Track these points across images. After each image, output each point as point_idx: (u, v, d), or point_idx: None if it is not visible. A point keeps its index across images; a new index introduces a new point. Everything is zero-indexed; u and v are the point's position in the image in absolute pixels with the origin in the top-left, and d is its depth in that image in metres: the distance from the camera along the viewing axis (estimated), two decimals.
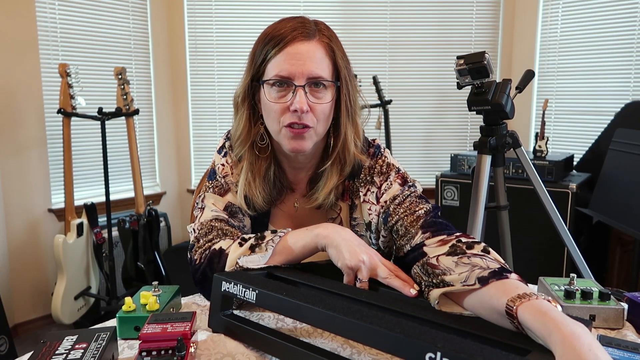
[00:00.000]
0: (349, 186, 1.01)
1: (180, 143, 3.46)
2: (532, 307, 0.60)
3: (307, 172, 1.02)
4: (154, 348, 0.65)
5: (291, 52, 0.88)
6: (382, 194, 0.97)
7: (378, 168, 1.00)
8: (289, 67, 0.88)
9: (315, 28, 0.92)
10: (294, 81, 0.89)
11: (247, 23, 3.29)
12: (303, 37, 0.89)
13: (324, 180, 0.98)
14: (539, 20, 3.19)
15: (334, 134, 0.96)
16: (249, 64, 0.95)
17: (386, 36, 3.32)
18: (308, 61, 0.88)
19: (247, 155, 0.97)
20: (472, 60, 1.46)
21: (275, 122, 0.92)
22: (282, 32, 0.89)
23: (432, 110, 3.39)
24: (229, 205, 0.98)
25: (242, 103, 0.96)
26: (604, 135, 2.64)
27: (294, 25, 0.90)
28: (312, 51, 0.89)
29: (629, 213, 1.94)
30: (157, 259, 2.75)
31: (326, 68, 0.91)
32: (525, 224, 2.36)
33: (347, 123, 0.96)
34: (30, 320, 2.74)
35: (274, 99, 0.90)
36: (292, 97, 0.89)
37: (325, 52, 0.91)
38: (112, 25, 3.02)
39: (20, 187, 2.66)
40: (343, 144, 0.96)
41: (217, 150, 1.05)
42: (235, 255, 0.86)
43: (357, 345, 0.73)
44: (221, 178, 1.00)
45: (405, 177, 0.99)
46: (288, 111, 0.89)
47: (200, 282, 0.89)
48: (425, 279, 0.78)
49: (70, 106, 2.52)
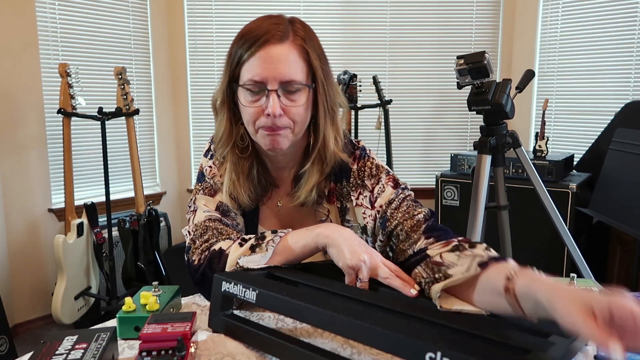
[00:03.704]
0: (335, 189, 1.01)
1: (180, 143, 3.46)
2: (527, 276, 0.65)
3: (289, 170, 1.03)
4: (154, 348, 0.65)
5: (264, 56, 0.88)
6: (375, 197, 0.97)
7: (367, 171, 1.00)
8: (261, 71, 0.87)
9: (289, 29, 0.91)
10: (267, 85, 0.88)
11: (247, 23, 3.29)
12: (276, 40, 0.88)
13: (305, 178, 0.98)
14: (539, 20, 3.19)
15: (314, 134, 0.97)
16: (225, 66, 0.95)
17: (386, 36, 3.32)
18: (280, 65, 0.87)
19: (230, 156, 0.98)
20: (472, 60, 1.46)
21: (251, 124, 0.93)
22: (255, 34, 0.89)
23: (432, 110, 3.39)
24: (220, 204, 0.99)
25: (222, 106, 0.97)
26: (604, 135, 2.64)
27: (267, 27, 0.90)
28: (284, 54, 0.88)
29: (629, 213, 1.94)
30: (157, 259, 2.75)
31: (300, 71, 0.90)
32: (525, 224, 2.36)
33: (325, 122, 0.95)
34: (30, 320, 2.74)
35: (248, 103, 0.91)
36: (265, 101, 0.88)
37: (298, 53, 0.90)
38: (112, 25, 3.02)
39: (20, 187, 2.66)
40: (323, 144, 0.96)
41: (203, 154, 1.06)
42: (236, 255, 0.86)
43: (357, 345, 0.73)
44: (210, 179, 1.01)
45: (396, 179, 0.99)
46: (263, 114, 0.89)
47: (199, 282, 0.89)
48: (427, 277, 0.78)
49: (71, 106, 2.52)
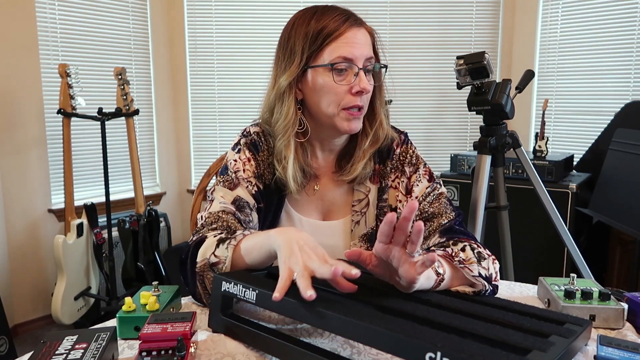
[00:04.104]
0: (379, 170, 1.07)
1: (180, 143, 3.46)
2: None
3: (336, 153, 1.07)
4: (154, 348, 0.65)
5: (350, 37, 0.94)
6: (411, 186, 1.04)
7: (409, 158, 1.06)
8: (352, 49, 0.93)
9: (358, 17, 0.98)
10: (356, 63, 0.94)
11: (247, 23, 3.29)
12: (357, 24, 0.96)
13: (359, 153, 1.03)
14: (539, 20, 3.19)
15: (369, 116, 1.03)
16: (288, 56, 0.97)
17: (386, 36, 3.32)
18: (365, 45, 0.96)
19: (292, 142, 1.00)
20: (472, 61, 1.46)
21: (333, 105, 0.96)
22: (336, 21, 0.94)
23: (432, 110, 3.39)
24: (237, 199, 0.99)
25: (289, 92, 0.98)
26: (603, 135, 2.64)
27: (344, 13, 0.96)
28: (365, 37, 0.97)
29: (629, 213, 1.94)
30: (157, 259, 2.75)
31: (374, 53, 0.99)
32: (525, 224, 2.36)
33: (381, 104, 1.04)
34: (30, 321, 2.73)
35: (336, 82, 0.94)
36: (355, 79, 0.94)
37: (371, 38, 0.99)
38: (112, 26, 3.02)
39: (20, 188, 2.66)
40: (379, 123, 1.04)
41: (231, 147, 1.07)
42: (206, 246, 0.86)
43: (357, 345, 0.73)
44: (232, 173, 1.01)
45: (431, 173, 1.05)
46: (347, 93, 0.95)
47: (182, 262, 0.89)
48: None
49: (70, 106, 2.52)
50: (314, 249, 0.72)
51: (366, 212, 1.06)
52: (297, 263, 0.70)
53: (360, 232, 1.06)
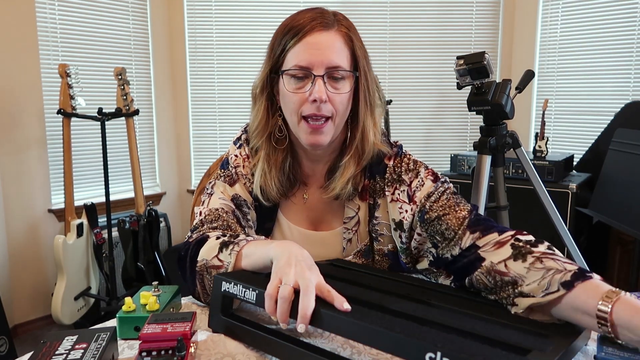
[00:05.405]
0: (369, 185, 0.99)
1: (180, 143, 3.46)
2: (626, 305, 0.62)
3: (324, 164, 1.02)
4: (154, 348, 0.65)
5: (310, 42, 0.89)
6: (414, 191, 0.95)
7: (404, 166, 0.98)
8: (308, 56, 0.88)
9: (333, 18, 0.92)
10: (313, 71, 0.89)
11: (247, 23, 3.29)
12: (322, 27, 0.89)
13: (341, 170, 0.97)
14: (538, 21, 3.19)
15: (351, 125, 0.96)
16: (267, 56, 0.96)
17: (386, 36, 3.32)
18: (327, 51, 0.89)
19: (264, 147, 0.97)
20: (472, 61, 1.46)
21: (293, 113, 0.92)
22: (301, 22, 0.90)
23: (432, 110, 3.39)
24: (236, 197, 0.98)
25: (260, 94, 0.96)
26: (603, 135, 2.64)
27: (312, 16, 0.91)
28: (330, 41, 0.90)
29: (629, 213, 1.94)
30: (157, 259, 2.75)
31: (345, 58, 0.91)
32: (525, 224, 2.36)
33: (365, 113, 0.95)
34: (30, 321, 2.73)
35: (292, 90, 0.90)
36: (310, 87, 0.89)
37: (343, 42, 0.91)
38: (112, 26, 3.02)
39: (20, 188, 2.66)
40: (362, 134, 0.95)
41: (233, 141, 1.06)
42: (207, 248, 0.85)
43: (357, 345, 0.73)
44: (232, 168, 1.01)
45: (435, 173, 0.97)
46: (307, 102, 0.89)
47: (181, 258, 0.88)
48: (491, 286, 0.77)
49: (70, 106, 2.52)
50: (309, 268, 0.71)
51: (357, 229, 1.01)
52: (287, 274, 0.68)
53: (353, 250, 1.02)
